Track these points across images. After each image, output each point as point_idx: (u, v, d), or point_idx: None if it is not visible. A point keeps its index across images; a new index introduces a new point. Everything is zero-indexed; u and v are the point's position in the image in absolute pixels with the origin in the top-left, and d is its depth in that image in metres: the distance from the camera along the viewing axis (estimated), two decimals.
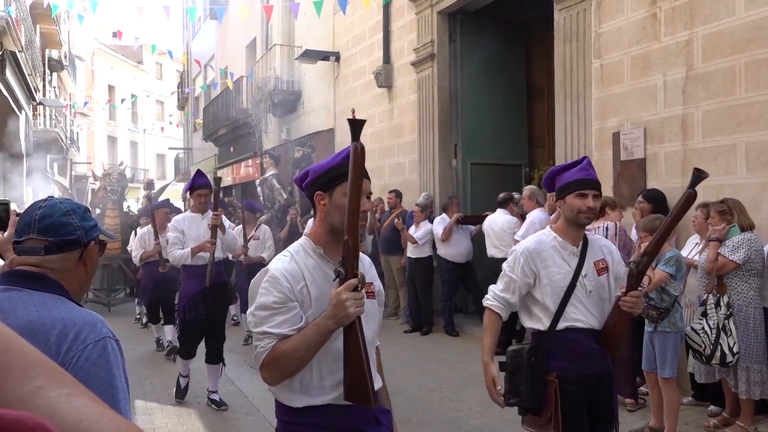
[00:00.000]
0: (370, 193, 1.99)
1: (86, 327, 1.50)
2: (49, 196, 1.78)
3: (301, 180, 2.01)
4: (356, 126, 1.80)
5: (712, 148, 5.21)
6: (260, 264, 7.92)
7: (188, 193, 5.53)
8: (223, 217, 5.67)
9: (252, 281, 1.91)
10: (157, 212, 7.57)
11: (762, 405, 4.55)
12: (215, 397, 5.51)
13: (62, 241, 1.62)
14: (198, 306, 5.33)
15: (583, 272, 2.66)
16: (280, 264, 1.90)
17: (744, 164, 4.95)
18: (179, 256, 5.35)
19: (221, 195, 6.49)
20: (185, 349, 5.52)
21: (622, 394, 5.13)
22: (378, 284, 2.13)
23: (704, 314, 4.37)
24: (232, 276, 11.55)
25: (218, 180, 5.73)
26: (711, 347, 4.24)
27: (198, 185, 5.44)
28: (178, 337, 5.74)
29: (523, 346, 2.77)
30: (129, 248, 9.34)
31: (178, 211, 8.67)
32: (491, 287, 2.86)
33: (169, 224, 5.96)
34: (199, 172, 5.63)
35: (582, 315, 2.64)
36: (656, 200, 5.36)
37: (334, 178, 1.91)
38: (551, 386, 2.62)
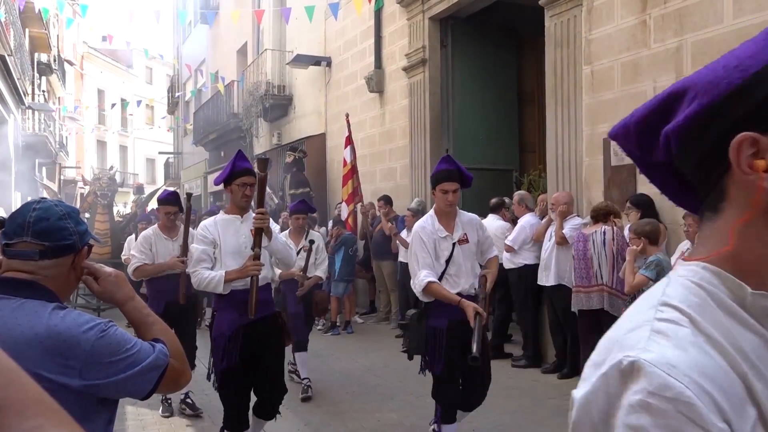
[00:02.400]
0: None
1: (82, 329, 1.49)
2: (42, 198, 1.72)
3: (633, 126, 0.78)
4: None
5: None
6: (317, 285, 6.03)
7: (223, 184, 3.81)
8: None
9: (576, 410, 0.67)
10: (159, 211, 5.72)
11: None
12: None
13: (58, 246, 1.56)
14: (237, 349, 3.69)
15: None
16: (682, 357, 0.62)
17: None
18: (206, 280, 3.64)
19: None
20: (232, 416, 3.72)
21: None
22: None
23: None
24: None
25: (264, 162, 3.63)
26: None
27: (240, 170, 3.72)
28: (220, 397, 3.81)
29: None
30: (124, 256, 9.13)
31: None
32: None
33: (194, 231, 4.27)
34: (239, 154, 3.86)
35: None
36: (644, 205, 5.41)
37: None
38: None
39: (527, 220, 6.81)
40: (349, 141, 9.46)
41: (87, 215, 12.57)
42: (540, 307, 6.85)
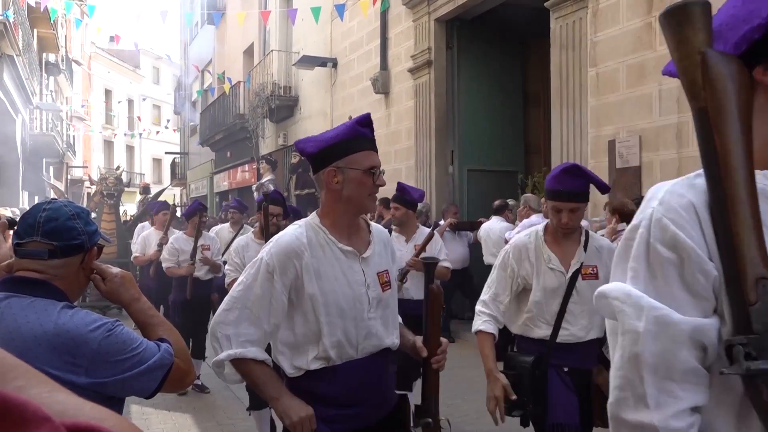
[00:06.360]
0: None
1: (89, 328, 1.51)
2: (52, 199, 1.76)
3: None
4: None
5: None
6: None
7: None
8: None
9: None
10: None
11: None
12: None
13: (67, 245, 1.59)
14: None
15: None
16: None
17: None
18: None
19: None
20: None
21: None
22: None
23: None
24: None
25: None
26: None
27: None
28: None
29: None
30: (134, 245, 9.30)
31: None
32: None
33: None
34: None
35: None
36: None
37: None
38: None
39: (532, 220, 6.81)
40: None
41: (93, 215, 12.65)
42: None
